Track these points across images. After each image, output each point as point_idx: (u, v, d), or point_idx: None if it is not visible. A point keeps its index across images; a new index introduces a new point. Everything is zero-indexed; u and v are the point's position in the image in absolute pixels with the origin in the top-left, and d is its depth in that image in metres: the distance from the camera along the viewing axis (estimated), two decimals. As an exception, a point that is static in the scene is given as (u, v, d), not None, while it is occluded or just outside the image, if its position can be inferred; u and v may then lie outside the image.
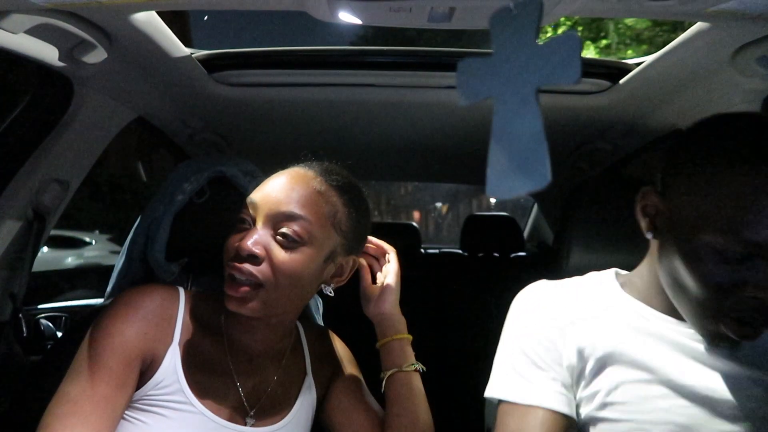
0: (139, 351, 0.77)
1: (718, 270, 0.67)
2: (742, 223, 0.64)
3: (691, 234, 0.68)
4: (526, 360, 0.80)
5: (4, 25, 0.80)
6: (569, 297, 0.84)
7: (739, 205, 0.64)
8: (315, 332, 1.01)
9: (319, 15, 0.82)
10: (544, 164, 0.45)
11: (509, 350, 0.83)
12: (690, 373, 0.74)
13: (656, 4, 0.77)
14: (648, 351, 0.76)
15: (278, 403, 0.88)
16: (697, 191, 0.68)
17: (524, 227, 3.10)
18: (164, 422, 0.77)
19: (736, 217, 0.64)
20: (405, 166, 2.29)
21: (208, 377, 0.82)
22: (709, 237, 0.66)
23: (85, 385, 0.73)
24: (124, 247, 1.00)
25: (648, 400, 0.74)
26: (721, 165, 0.66)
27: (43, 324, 1.41)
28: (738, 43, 0.95)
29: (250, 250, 0.76)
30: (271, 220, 0.79)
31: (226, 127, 1.63)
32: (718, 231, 0.65)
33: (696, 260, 0.68)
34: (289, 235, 0.78)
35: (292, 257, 0.78)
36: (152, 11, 0.93)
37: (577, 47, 0.45)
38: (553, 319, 0.81)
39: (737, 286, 0.66)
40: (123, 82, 1.18)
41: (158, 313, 0.80)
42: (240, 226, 0.81)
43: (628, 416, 0.74)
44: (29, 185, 1.15)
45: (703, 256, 0.67)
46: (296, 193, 0.80)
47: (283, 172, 0.84)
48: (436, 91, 1.33)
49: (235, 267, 0.78)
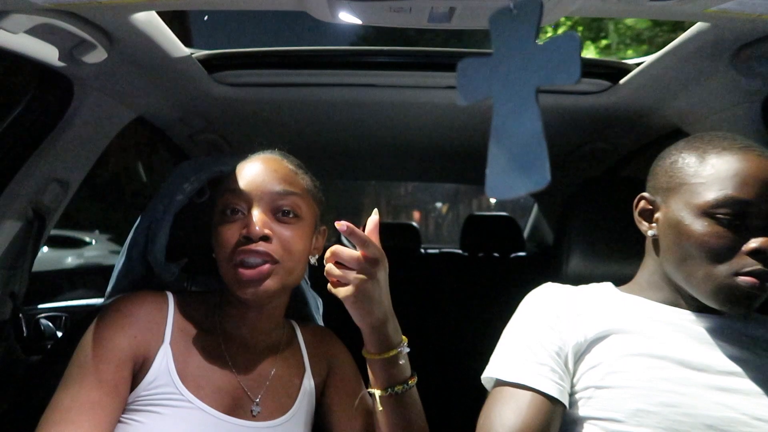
0: (129, 355, 0.79)
1: (721, 234, 0.77)
2: (730, 187, 0.77)
3: (692, 211, 0.80)
4: (524, 345, 0.84)
5: (4, 25, 0.80)
6: (574, 296, 0.90)
7: (724, 175, 0.78)
8: (313, 331, 1.02)
9: (319, 15, 0.83)
10: (544, 164, 0.45)
11: (510, 337, 0.87)
12: (689, 349, 0.79)
13: (656, 4, 0.77)
14: (648, 328, 0.82)
15: (279, 399, 0.88)
16: (688, 176, 0.82)
17: (524, 227, 3.10)
18: (159, 419, 0.77)
19: (730, 183, 0.77)
20: (405, 166, 2.29)
21: (204, 372, 0.82)
22: (708, 207, 0.78)
23: (77, 392, 0.75)
24: (124, 247, 1.00)
25: (649, 369, 0.78)
26: (702, 150, 0.82)
27: (43, 324, 1.41)
28: (738, 43, 0.95)
29: (262, 232, 0.80)
30: (267, 202, 0.83)
31: (226, 127, 1.63)
32: (716, 198, 0.77)
33: (701, 231, 0.78)
34: (289, 211, 0.84)
35: (294, 233, 0.84)
36: (152, 11, 0.94)
37: (577, 47, 0.45)
38: (557, 313, 0.86)
39: (740, 243, 0.76)
40: (123, 82, 1.18)
41: (147, 318, 0.82)
42: (232, 216, 0.83)
43: (631, 383, 0.77)
44: (29, 185, 1.15)
45: (705, 225, 0.78)
46: (279, 174, 0.86)
47: (253, 159, 0.89)
48: (436, 91, 1.33)
49: (248, 251, 0.80)
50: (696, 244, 0.78)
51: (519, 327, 0.88)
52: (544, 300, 0.90)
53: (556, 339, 0.83)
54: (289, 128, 1.64)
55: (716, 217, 0.77)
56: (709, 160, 0.81)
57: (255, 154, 0.91)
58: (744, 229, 0.77)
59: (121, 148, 9.10)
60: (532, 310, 0.89)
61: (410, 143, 1.82)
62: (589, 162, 1.82)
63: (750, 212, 0.76)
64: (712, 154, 0.81)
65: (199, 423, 0.78)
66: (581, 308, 0.86)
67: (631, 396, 0.76)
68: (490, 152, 0.48)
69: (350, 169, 2.45)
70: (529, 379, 0.79)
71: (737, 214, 0.76)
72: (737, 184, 0.77)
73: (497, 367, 0.84)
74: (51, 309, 1.54)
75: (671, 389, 0.75)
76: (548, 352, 0.82)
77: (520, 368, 0.81)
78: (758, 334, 0.83)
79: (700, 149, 0.83)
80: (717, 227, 0.77)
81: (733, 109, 1.18)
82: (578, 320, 0.84)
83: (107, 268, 1.20)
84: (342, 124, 1.61)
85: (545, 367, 0.80)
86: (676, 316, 0.84)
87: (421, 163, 2.19)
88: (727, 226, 0.77)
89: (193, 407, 0.78)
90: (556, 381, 0.79)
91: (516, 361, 0.82)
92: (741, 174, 0.77)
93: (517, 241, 2.58)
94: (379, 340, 0.79)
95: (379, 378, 0.82)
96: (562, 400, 0.79)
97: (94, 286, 1.99)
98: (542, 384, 0.78)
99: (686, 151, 0.84)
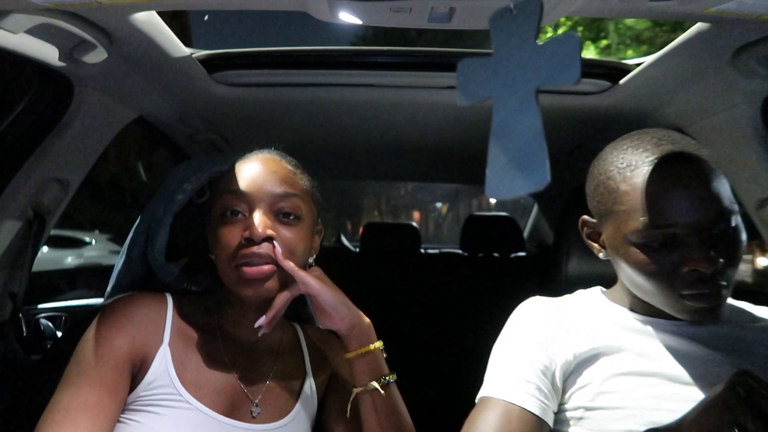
0: (127, 356, 0.79)
1: (655, 259, 0.74)
2: (649, 212, 0.73)
3: (622, 239, 0.77)
4: (510, 362, 0.82)
5: (4, 25, 0.80)
6: (561, 310, 0.88)
7: (641, 201, 0.74)
8: (315, 334, 1.01)
9: (319, 15, 0.82)
10: (544, 164, 0.45)
11: (498, 356, 0.86)
12: (678, 363, 0.78)
13: (656, 4, 0.77)
14: (637, 344, 0.80)
15: (280, 401, 0.88)
16: (610, 202, 0.79)
17: (524, 227, 3.10)
18: (157, 420, 0.77)
19: (647, 210, 0.73)
20: (405, 166, 2.29)
21: (203, 373, 0.82)
22: (634, 236, 0.75)
23: (76, 392, 0.75)
24: (124, 247, 1.00)
25: (639, 388, 0.76)
26: (618, 170, 0.79)
27: (43, 324, 1.41)
28: (738, 43, 0.95)
29: (264, 234, 0.80)
30: (268, 203, 0.83)
31: (226, 127, 1.63)
32: (638, 228, 0.74)
33: (635, 259, 0.76)
34: (290, 212, 0.85)
35: (296, 234, 0.84)
36: (152, 11, 0.94)
37: (577, 47, 0.45)
38: (544, 329, 0.84)
39: (675, 266, 0.73)
40: (123, 82, 1.18)
41: (146, 319, 0.82)
42: (233, 218, 0.83)
43: (622, 404, 0.76)
44: (29, 185, 1.15)
45: (637, 253, 0.76)
46: (279, 175, 0.86)
47: (252, 160, 0.89)
48: (436, 91, 1.33)
49: (250, 253, 0.80)
50: (636, 270, 0.77)
51: (506, 344, 0.86)
52: (532, 316, 0.87)
53: (543, 357, 0.81)
54: (289, 128, 1.64)
55: (645, 245, 0.75)
56: (625, 182, 0.76)
57: (252, 154, 0.91)
58: (679, 246, 0.73)
59: (121, 148, 9.09)
60: (520, 327, 0.87)
61: (410, 143, 1.82)
62: (589, 162, 1.81)
63: (678, 233, 0.73)
64: (627, 174, 0.76)
65: (197, 424, 0.78)
66: (569, 324, 0.84)
67: (621, 417, 0.75)
68: (490, 152, 0.48)
69: (350, 169, 2.45)
70: (514, 396, 0.77)
71: (666, 237, 0.73)
72: (655, 209, 0.73)
73: (485, 386, 0.82)
74: (51, 309, 1.54)
75: (661, 407, 0.74)
76: (534, 370, 0.80)
77: (505, 385, 0.79)
78: (754, 337, 0.81)
79: (616, 169, 0.79)
80: (649, 253, 0.74)
81: (733, 109, 1.18)
82: (566, 338, 0.82)
83: (107, 268, 1.20)
84: (342, 124, 1.61)
85: (531, 384, 0.78)
86: (663, 328, 0.82)
87: (421, 163, 2.19)
88: (659, 250, 0.74)
89: (191, 408, 0.78)
90: (541, 399, 0.78)
91: (502, 379, 0.81)
92: (657, 197, 0.73)
93: (517, 241, 2.58)
94: (355, 338, 0.85)
95: (358, 375, 0.85)
96: (545, 419, 0.78)
97: (94, 286, 1.99)
98: (527, 402, 0.77)
99: (605, 173, 0.81)
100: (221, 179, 0.88)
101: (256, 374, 0.87)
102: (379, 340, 0.87)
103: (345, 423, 0.90)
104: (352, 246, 2.97)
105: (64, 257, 7.74)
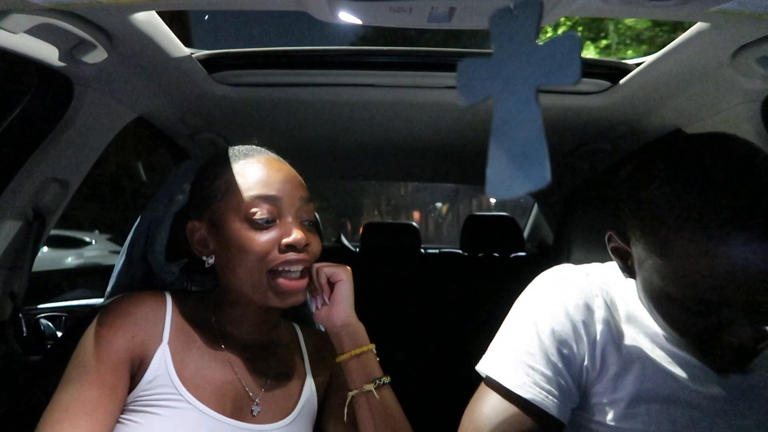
0: (127, 355, 0.79)
1: (688, 318, 0.67)
2: (699, 283, 0.63)
3: (658, 287, 0.69)
4: (529, 348, 0.76)
5: (4, 25, 0.80)
6: (592, 291, 0.80)
7: (694, 268, 0.63)
8: (315, 335, 1.01)
9: (319, 15, 0.82)
10: (544, 164, 0.45)
11: (516, 331, 0.79)
12: (697, 386, 0.74)
13: (656, 4, 0.77)
14: (667, 372, 0.75)
15: (280, 400, 0.88)
16: (653, 249, 0.68)
17: (524, 227, 3.10)
18: (157, 420, 0.77)
19: (693, 279, 0.63)
20: (405, 166, 2.29)
21: (203, 372, 0.82)
22: (673, 292, 0.66)
23: (75, 392, 0.75)
24: (124, 247, 1.00)
25: (667, 412, 0.73)
26: (674, 228, 0.64)
27: (43, 324, 1.41)
28: (738, 43, 0.95)
29: (305, 240, 0.82)
30: (297, 209, 0.85)
31: (226, 127, 1.63)
32: (680, 290, 0.66)
33: (668, 308, 0.69)
34: (312, 220, 0.87)
35: (316, 239, 0.87)
36: (152, 11, 0.93)
37: (577, 47, 0.45)
38: (571, 314, 0.77)
39: (709, 332, 0.66)
40: (123, 82, 1.18)
41: (145, 318, 0.82)
42: (265, 224, 0.82)
43: (651, 428, 0.73)
44: (29, 185, 1.15)
45: (671, 306, 0.68)
46: (298, 180, 0.88)
47: (269, 160, 0.88)
48: (436, 91, 1.33)
49: (294, 260, 0.81)
50: (668, 322, 0.72)
51: (528, 321, 0.78)
52: (563, 301, 0.78)
53: (568, 348, 0.76)
54: (289, 128, 1.64)
55: (690, 310, 0.68)
56: (677, 240, 0.65)
57: (258, 154, 0.89)
58: (714, 318, 0.66)
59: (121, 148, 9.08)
60: (546, 303, 0.79)
61: (410, 143, 1.82)
62: (589, 162, 1.82)
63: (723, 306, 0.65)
64: (679, 233, 0.64)
65: (197, 424, 0.78)
66: (601, 315, 0.78)
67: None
68: (490, 152, 0.48)
69: (350, 169, 2.45)
70: (526, 390, 0.73)
71: (711, 308, 0.66)
72: (709, 283, 0.64)
73: (496, 367, 0.77)
74: (51, 309, 1.54)
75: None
76: (554, 362, 0.75)
77: (520, 375, 0.74)
78: None
79: (669, 219, 0.66)
80: (688, 314, 0.68)
81: (733, 109, 1.18)
82: (597, 332, 0.77)
83: (107, 268, 1.20)
84: (342, 124, 1.61)
85: (552, 382, 0.74)
86: (690, 362, 0.76)
87: (421, 163, 2.19)
88: (699, 315, 0.67)
89: (191, 408, 0.78)
90: (555, 396, 0.74)
91: (518, 365, 0.75)
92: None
93: (517, 241, 2.59)
94: (348, 337, 0.86)
95: (351, 377, 0.86)
96: (558, 417, 0.73)
97: (94, 286, 1.99)
98: (540, 397, 0.73)
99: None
100: (229, 179, 0.85)
101: (255, 373, 0.87)
102: (371, 343, 0.87)
103: (343, 426, 0.89)
104: (352, 246, 2.97)
105: (64, 257, 7.74)
